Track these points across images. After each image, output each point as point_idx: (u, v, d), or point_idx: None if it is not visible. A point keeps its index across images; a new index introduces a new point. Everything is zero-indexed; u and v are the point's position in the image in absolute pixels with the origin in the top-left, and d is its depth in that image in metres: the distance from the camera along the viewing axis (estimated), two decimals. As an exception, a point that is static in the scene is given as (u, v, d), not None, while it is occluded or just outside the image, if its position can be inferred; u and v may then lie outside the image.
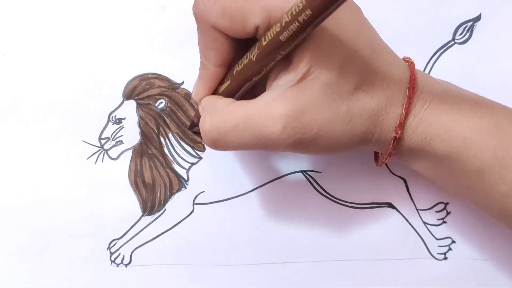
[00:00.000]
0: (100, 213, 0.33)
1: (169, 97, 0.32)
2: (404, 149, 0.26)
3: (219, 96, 0.26)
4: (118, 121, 0.32)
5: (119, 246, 0.33)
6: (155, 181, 0.33)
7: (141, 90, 0.32)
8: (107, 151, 0.32)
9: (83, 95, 0.32)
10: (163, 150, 0.32)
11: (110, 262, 0.33)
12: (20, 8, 0.31)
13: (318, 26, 0.21)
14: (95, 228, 0.33)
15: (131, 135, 0.32)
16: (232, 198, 0.33)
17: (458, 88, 0.27)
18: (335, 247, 0.33)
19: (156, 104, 0.32)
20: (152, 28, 0.32)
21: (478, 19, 0.32)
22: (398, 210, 0.33)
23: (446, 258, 0.33)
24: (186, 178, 0.33)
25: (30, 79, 0.32)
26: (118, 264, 0.33)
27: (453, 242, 0.33)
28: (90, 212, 0.33)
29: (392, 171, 0.33)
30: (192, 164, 0.33)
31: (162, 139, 0.32)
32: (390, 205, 0.33)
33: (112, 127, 0.32)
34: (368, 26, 0.25)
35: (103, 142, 0.32)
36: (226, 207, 0.33)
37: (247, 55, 0.24)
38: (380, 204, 0.33)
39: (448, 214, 0.33)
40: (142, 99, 0.32)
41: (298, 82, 0.23)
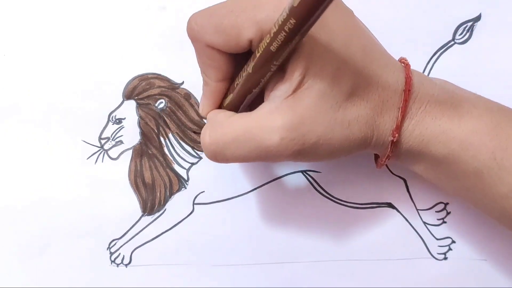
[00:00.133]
0: (100, 213, 0.33)
1: (169, 97, 0.32)
2: (402, 151, 0.26)
3: (221, 110, 0.27)
4: (118, 121, 0.32)
5: (119, 246, 0.33)
6: (155, 181, 0.33)
7: (141, 90, 0.32)
8: (107, 151, 0.32)
9: (83, 95, 0.32)
10: (163, 150, 0.32)
11: (110, 262, 0.33)
12: (20, 8, 0.31)
13: (306, 34, 0.21)
14: (95, 228, 0.33)
15: (131, 135, 0.32)
16: (232, 198, 0.33)
17: (456, 87, 0.27)
18: (335, 247, 0.33)
19: (156, 104, 0.32)
20: (152, 28, 0.32)
21: (478, 19, 0.32)
22: (398, 210, 0.33)
23: (446, 258, 0.33)
24: (186, 178, 0.33)
25: (30, 79, 0.32)
26: (118, 264, 0.33)
27: (453, 242, 0.33)
28: (90, 212, 0.33)
29: (392, 171, 0.33)
30: (192, 164, 0.33)
31: (162, 139, 0.32)
32: (390, 205, 0.33)
33: (112, 127, 0.32)
34: (361, 29, 0.25)
35: (103, 142, 0.32)
36: (226, 207, 0.33)
37: (245, 68, 0.24)
38: (380, 204, 0.33)
39: (448, 214, 0.33)
40: (142, 99, 0.32)
41: (293, 92, 0.23)
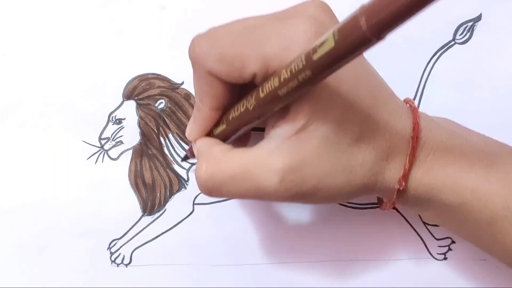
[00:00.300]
0: (100, 213, 0.33)
1: (169, 97, 0.32)
2: (410, 198, 0.25)
3: (215, 141, 0.25)
4: (118, 121, 0.32)
5: (119, 246, 0.33)
6: (155, 181, 0.33)
7: (141, 90, 0.32)
8: (107, 151, 0.32)
9: (83, 95, 0.32)
10: (163, 150, 0.32)
11: (110, 262, 0.33)
12: (20, 8, 0.31)
13: (319, 83, 0.20)
14: (95, 228, 0.33)
15: (131, 135, 0.32)
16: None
17: (464, 130, 0.26)
18: (335, 247, 0.33)
19: (156, 104, 0.32)
20: (152, 28, 0.32)
21: (478, 19, 0.32)
22: (398, 210, 0.33)
23: (446, 258, 0.33)
24: (186, 178, 0.33)
25: (30, 79, 0.32)
26: (118, 264, 0.33)
27: (453, 242, 0.33)
28: (90, 212, 0.33)
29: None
30: (192, 164, 0.33)
31: (162, 139, 0.32)
32: (390, 205, 0.33)
33: (112, 127, 0.32)
34: (370, 72, 0.24)
35: (103, 142, 0.32)
36: (226, 207, 0.33)
37: (244, 102, 0.23)
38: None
39: (448, 214, 0.33)
40: (142, 99, 0.32)
41: (296, 134, 0.22)
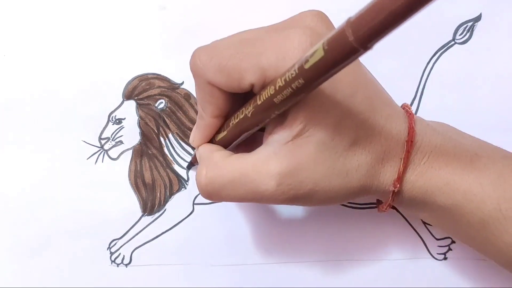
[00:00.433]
0: (100, 213, 0.33)
1: (169, 97, 0.32)
2: (405, 200, 0.26)
3: (216, 147, 0.26)
4: (118, 121, 0.32)
5: (119, 246, 0.33)
6: (155, 181, 0.33)
7: (141, 90, 0.32)
8: (107, 151, 0.32)
9: (83, 95, 0.32)
10: (163, 150, 0.32)
11: (110, 262, 0.33)
12: (20, 8, 0.31)
13: (313, 90, 0.20)
14: (95, 228, 0.33)
15: (131, 135, 0.32)
16: (232, 198, 0.33)
17: (458, 134, 0.27)
18: (335, 247, 0.33)
19: (156, 104, 0.32)
20: (152, 28, 0.32)
21: (478, 19, 0.32)
22: (398, 211, 0.33)
23: (446, 258, 0.33)
24: (186, 178, 0.33)
25: (30, 79, 0.32)
26: (118, 264, 0.33)
27: (453, 242, 0.33)
28: (90, 212, 0.33)
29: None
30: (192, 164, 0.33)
31: (162, 139, 0.32)
32: (390, 205, 0.33)
33: (112, 127, 0.32)
34: (367, 78, 0.25)
35: (103, 142, 0.32)
36: (226, 207, 0.33)
37: (243, 110, 0.24)
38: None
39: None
40: (142, 99, 0.32)
41: (293, 139, 0.23)
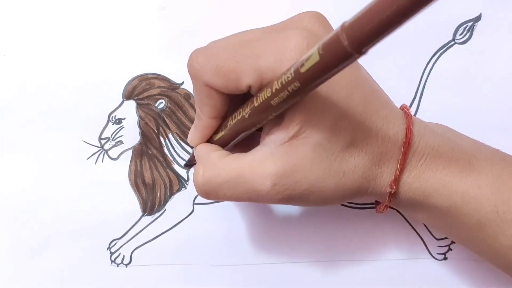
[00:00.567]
0: (100, 213, 0.33)
1: (169, 97, 0.32)
2: (402, 201, 0.26)
3: (214, 147, 0.27)
4: (118, 121, 0.32)
5: (119, 246, 0.33)
6: (155, 181, 0.33)
7: (141, 90, 0.32)
8: (107, 151, 0.32)
9: (83, 95, 0.32)
10: (163, 150, 0.32)
11: (110, 262, 0.33)
12: (20, 8, 0.31)
13: (309, 92, 0.21)
14: (95, 228, 0.33)
15: (131, 135, 0.32)
16: (232, 198, 0.33)
17: (457, 136, 0.27)
18: (335, 247, 0.33)
19: (156, 104, 0.32)
20: (152, 28, 0.32)
21: (478, 19, 0.32)
22: (398, 210, 0.33)
23: (446, 258, 0.33)
24: (186, 178, 0.33)
25: (30, 79, 0.32)
26: (118, 264, 0.33)
27: (453, 242, 0.33)
28: (90, 212, 0.33)
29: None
30: (192, 164, 0.33)
31: (162, 139, 0.32)
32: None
33: (112, 127, 0.32)
34: (364, 79, 0.25)
35: (103, 142, 0.32)
36: (226, 207, 0.33)
37: (240, 111, 0.24)
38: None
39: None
40: (142, 99, 0.32)
41: (289, 140, 0.23)
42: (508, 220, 0.24)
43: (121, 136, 0.32)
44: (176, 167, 0.33)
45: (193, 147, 0.28)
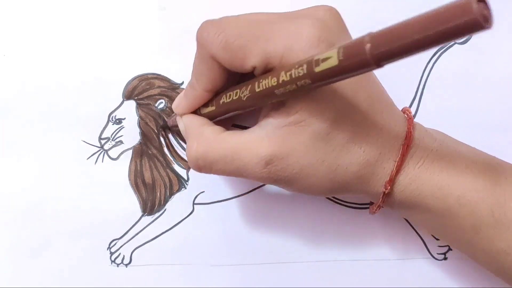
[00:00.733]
0: (100, 213, 0.33)
1: (169, 97, 0.32)
2: (396, 202, 0.26)
3: (206, 121, 0.27)
4: (118, 121, 0.32)
5: (119, 246, 0.33)
6: (155, 181, 0.33)
7: (141, 90, 0.32)
8: (107, 151, 0.32)
9: (83, 95, 0.32)
10: (163, 150, 0.32)
11: (110, 262, 0.33)
12: (20, 8, 0.31)
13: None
14: (95, 228, 0.33)
15: (131, 135, 0.32)
16: (232, 198, 0.33)
17: (455, 142, 0.27)
18: (335, 247, 0.33)
19: (156, 104, 0.32)
20: (152, 28, 0.32)
21: (478, 19, 0.31)
22: (398, 210, 0.33)
23: (446, 258, 0.33)
24: (186, 178, 0.33)
25: (30, 79, 0.32)
26: (118, 264, 0.33)
27: (453, 242, 0.33)
28: (90, 212, 0.33)
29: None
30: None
31: (162, 139, 0.32)
32: (390, 205, 0.33)
33: (112, 127, 0.32)
34: (370, 79, 0.25)
35: (103, 142, 0.32)
36: (226, 207, 0.33)
37: (237, 92, 0.24)
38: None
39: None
40: (142, 99, 0.32)
41: (288, 125, 0.23)
42: (504, 224, 0.24)
43: (121, 136, 0.32)
44: (176, 167, 0.33)
45: (175, 114, 0.28)
